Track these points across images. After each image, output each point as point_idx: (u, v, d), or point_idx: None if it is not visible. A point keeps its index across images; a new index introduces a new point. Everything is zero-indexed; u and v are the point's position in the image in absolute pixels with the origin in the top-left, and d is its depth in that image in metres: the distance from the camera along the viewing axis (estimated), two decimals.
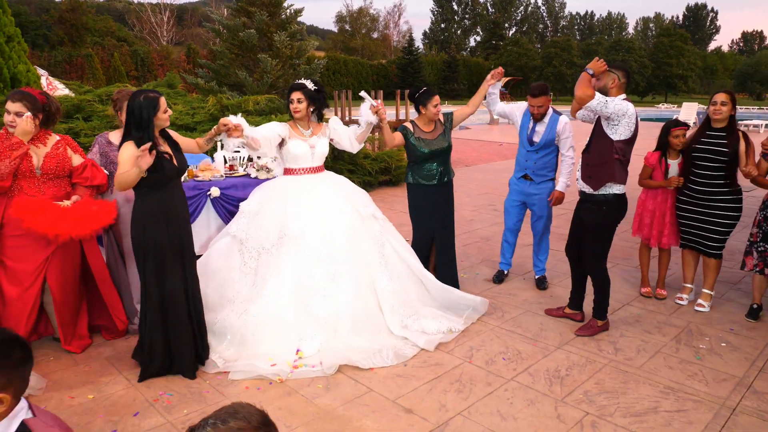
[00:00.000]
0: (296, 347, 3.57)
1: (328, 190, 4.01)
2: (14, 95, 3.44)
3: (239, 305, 3.73)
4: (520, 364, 3.59)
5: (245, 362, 3.45)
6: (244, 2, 12.29)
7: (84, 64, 34.28)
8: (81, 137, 7.26)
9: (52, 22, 45.56)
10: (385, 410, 3.07)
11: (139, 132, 3.19)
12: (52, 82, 14.26)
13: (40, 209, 3.41)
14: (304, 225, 3.80)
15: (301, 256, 3.74)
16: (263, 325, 3.61)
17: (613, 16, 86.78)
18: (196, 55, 37.36)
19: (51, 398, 3.18)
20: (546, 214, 4.79)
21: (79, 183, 3.74)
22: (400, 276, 4.06)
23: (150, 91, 3.28)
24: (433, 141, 4.45)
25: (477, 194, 9.33)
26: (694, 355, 3.69)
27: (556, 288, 4.94)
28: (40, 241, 3.50)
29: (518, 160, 4.83)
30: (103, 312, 3.97)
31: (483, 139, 17.34)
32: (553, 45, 58.50)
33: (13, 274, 3.51)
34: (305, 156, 3.98)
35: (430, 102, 4.39)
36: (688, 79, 55.50)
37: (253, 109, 8.85)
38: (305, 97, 3.96)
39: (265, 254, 3.80)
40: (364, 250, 3.92)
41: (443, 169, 4.53)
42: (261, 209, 3.92)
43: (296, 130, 4.02)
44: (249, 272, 3.81)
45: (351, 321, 3.69)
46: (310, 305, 3.68)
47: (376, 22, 74.19)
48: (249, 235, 3.85)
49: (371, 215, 4.08)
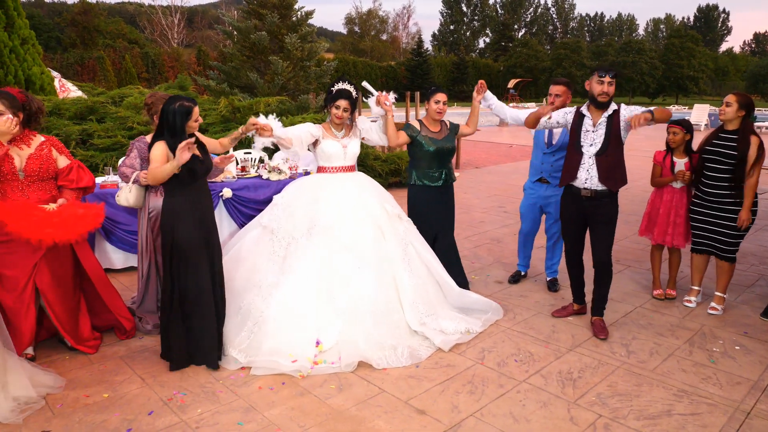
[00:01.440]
0: (315, 337, 3.62)
1: (358, 187, 4.12)
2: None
3: (265, 289, 3.81)
4: (532, 366, 3.58)
5: (267, 359, 3.50)
6: (255, 4, 12.36)
7: (96, 66, 34.55)
8: (95, 138, 7.34)
9: (65, 24, 45.96)
10: (398, 411, 3.08)
11: (172, 137, 3.32)
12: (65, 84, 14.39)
13: (23, 213, 3.31)
14: (333, 217, 3.91)
15: (329, 246, 3.85)
16: (285, 312, 3.68)
17: (623, 17, 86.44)
18: (207, 57, 37.57)
19: (67, 397, 3.21)
20: None
21: (65, 185, 3.65)
22: (421, 275, 4.11)
23: (186, 99, 3.39)
24: (440, 140, 4.47)
25: (486, 196, 9.32)
26: (707, 358, 3.67)
27: (568, 291, 4.92)
28: (27, 246, 3.40)
29: (533, 164, 4.83)
30: (107, 313, 3.96)
31: (492, 141, 17.31)
32: (563, 46, 58.24)
33: (4, 281, 3.44)
34: (338, 155, 4.10)
35: (432, 97, 4.46)
36: (699, 81, 55.10)
37: (264, 111, 8.89)
38: (350, 105, 4.07)
39: (294, 243, 3.91)
40: (389, 248, 3.99)
41: (446, 171, 4.55)
42: (293, 202, 4.06)
43: (329, 131, 4.15)
44: (277, 260, 3.91)
45: (371, 313, 3.74)
46: (333, 295, 3.75)
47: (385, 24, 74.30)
48: (280, 226, 3.98)
49: (397, 215, 4.18)
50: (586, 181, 3.93)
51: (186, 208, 3.40)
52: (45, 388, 3.21)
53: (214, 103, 9.18)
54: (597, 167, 3.89)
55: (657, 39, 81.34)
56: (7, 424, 2.92)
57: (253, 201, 5.48)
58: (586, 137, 3.92)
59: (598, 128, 3.89)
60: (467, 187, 10.08)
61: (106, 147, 7.30)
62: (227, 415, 3.03)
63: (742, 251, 5.16)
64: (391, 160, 9.54)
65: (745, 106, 4.14)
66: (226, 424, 2.96)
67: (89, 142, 7.39)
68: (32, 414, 3.03)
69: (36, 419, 2.99)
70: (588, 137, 3.92)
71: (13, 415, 2.96)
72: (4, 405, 2.96)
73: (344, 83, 4.11)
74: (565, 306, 4.45)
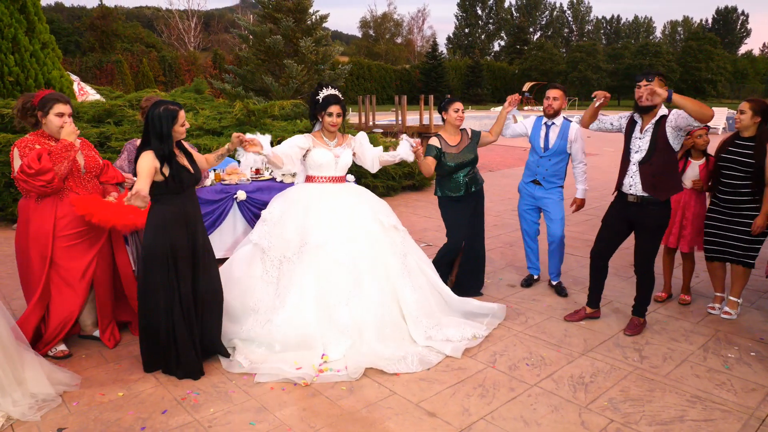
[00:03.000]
0: (322, 352, 3.60)
1: (350, 199, 4.00)
2: (63, 97, 3.62)
3: (262, 315, 3.75)
4: (543, 370, 3.57)
5: (271, 365, 3.49)
6: (270, 9, 12.47)
7: (113, 70, 35.02)
8: (112, 141, 7.45)
9: (84, 29, 46.64)
10: (409, 413, 3.09)
11: (159, 143, 3.27)
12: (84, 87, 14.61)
13: (101, 205, 3.61)
14: (325, 234, 3.79)
15: (322, 264, 3.74)
16: (288, 336, 3.63)
17: (640, 20, 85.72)
18: (222, 61, 37.89)
19: (83, 395, 3.27)
20: (560, 216, 4.80)
21: (107, 181, 3.92)
22: (422, 287, 4.05)
23: (171, 102, 3.35)
24: (458, 154, 4.52)
25: (500, 200, 9.30)
26: (722, 364, 3.64)
27: (580, 295, 4.90)
28: (89, 239, 3.71)
29: (529, 166, 4.91)
30: (126, 308, 4.09)
31: (507, 145, 17.27)
32: (579, 49, 57.92)
33: (66, 273, 3.65)
34: (329, 165, 3.98)
35: (451, 107, 4.51)
36: (718, 84, 54.51)
37: (279, 113, 8.96)
38: (341, 109, 3.98)
39: (286, 263, 3.81)
40: (387, 260, 3.92)
41: (469, 179, 4.57)
42: (282, 217, 3.92)
43: (321, 139, 4.01)
44: (271, 281, 3.82)
45: (375, 327, 3.70)
46: (334, 314, 3.68)
47: (400, 27, 74.42)
48: (271, 244, 3.85)
49: (393, 226, 4.06)
50: (631, 187, 3.94)
51: (174, 217, 3.34)
52: (61, 385, 3.26)
53: (229, 107, 9.27)
54: (640, 175, 3.88)
55: (674, 41, 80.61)
56: (25, 421, 2.98)
57: (267, 203, 5.51)
58: (634, 144, 3.94)
59: (645, 134, 3.89)
60: None
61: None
62: (239, 415, 3.06)
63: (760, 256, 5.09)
64: (405, 163, 9.55)
65: (760, 112, 4.09)
66: (238, 423, 2.99)
67: (107, 144, 7.50)
68: (49, 411, 3.08)
69: (53, 416, 3.05)
70: (635, 144, 3.93)
71: (31, 412, 3.01)
72: (22, 402, 3.01)
73: (329, 89, 3.96)
74: (578, 310, 4.43)
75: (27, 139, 3.60)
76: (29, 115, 3.64)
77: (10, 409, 2.96)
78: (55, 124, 3.57)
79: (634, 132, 3.95)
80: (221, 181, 5.58)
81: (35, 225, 3.59)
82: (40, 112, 3.58)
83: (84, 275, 3.70)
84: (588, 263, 5.36)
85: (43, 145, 3.55)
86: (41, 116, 3.59)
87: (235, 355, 3.63)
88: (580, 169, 4.76)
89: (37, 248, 3.59)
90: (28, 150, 3.51)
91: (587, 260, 5.81)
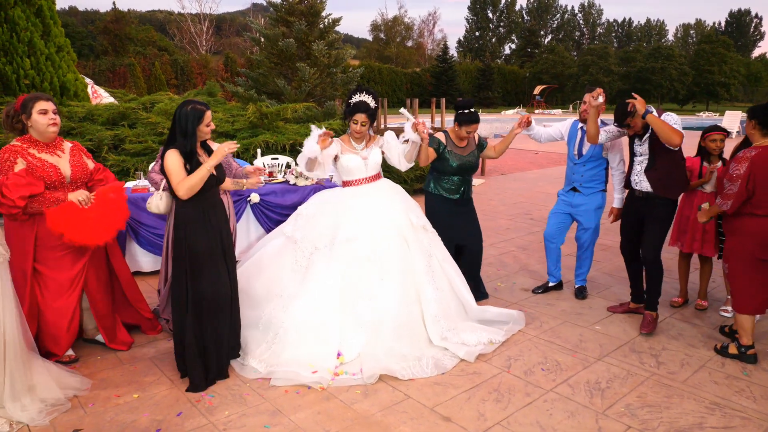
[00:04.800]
0: (337, 350, 3.60)
1: (384, 196, 4.06)
2: (44, 95, 3.49)
3: (286, 300, 3.80)
4: (559, 375, 3.54)
5: (286, 369, 3.49)
6: (283, 12, 12.51)
7: (126, 73, 35.26)
8: (126, 143, 7.49)
9: (97, 32, 47.05)
10: (423, 417, 3.07)
11: (183, 139, 3.31)
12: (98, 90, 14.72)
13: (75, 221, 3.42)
14: (356, 229, 3.86)
15: (351, 258, 3.80)
16: (307, 323, 3.66)
17: (652, 23, 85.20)
18: (234, 64, 38.06)
19: (98, 396, 3.28)
20: (593, 226, 4.70)
21: (96, 184, 3.76)
22: (443, 289, 4.05)
23: (198, 102, 3.39)
24: (464, 156, 4.47)
25: (512, 203, 9.26)
26: (741, 371, 3.59)
27: (595, 299, 4.86)
28: (77, 249, 3.59)
29: (567, 174, 4.81)
30: (132, 311, 4.07)
31: (519, 148, 17.19)
32: (590, 52, 57.56)
33: (53, 284, 3.56)
34: (359, 168, 4.02)
35: (466, 127, 4.37)
36: (731, 87, 53.90)
37: (292, 116, 8.98)
38: (368, 117, 3.98)
39: (317, 254, 3.88)
40: (413, 259, 3.94)
41: (465, 186, 4.54)
42: (316, 213, 4.04)
43: (348, 144, 4.07)
44: (299, 270, 3.89)
45: (393, 326, 3.70)
46: (356, 307, 3.72)
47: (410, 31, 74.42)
48: (304, 236, 3.95)
49: (422, 226, 4.10)
50: (637, 184, 4.13)
51: (197, 217, 3.36)
52: (71, 390, 3.26)
53: (242, 110, 9.31)
54: (649, 182, 4.04)
55: (687, 44, 80.00)
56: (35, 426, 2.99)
57: (280, 206, 5.53)
58: (636, 150, 4.14)
59: (644, 143, 4.06)
60: (493, 194, 10.03)
61: (137, 152, 7.45)
62: (254, 418, 3.06)
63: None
64: (417, 166, 9.54)
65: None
66: (252, 426, 2.99)
67: (121, 147, 7.55)
68: (65, 413, 3.10)
69: (69, 418, 3.06)
70: (637, 150, 4.13)
71: (41, 417, 3.00)
72: (31, 407, 3.01)
73: (363, 94, 3.97)
74: (623, 303, 4.55)
75: (11, 148, 3.41)
76: (15, 122, 3.49)
77: (18, 414, 2.96)
78: (41, 123, 3.43)
79: (635, 140, 4.14)
80: None
81: (14, 238, 3.47)
82: (24, 114, 3.45)
83: (73, 285, 3.60)
84: (606, 269, 5.32)
85: (25, 155, 3.40)
86: (26, 119, 3.45)
87: (248, 360, 3.63)
88: (617, 177, 4.57)
89: (17, 263, 3.44)
90: (8, 165, 3.35)
91: (599, 263, 5.78)
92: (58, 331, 3.58)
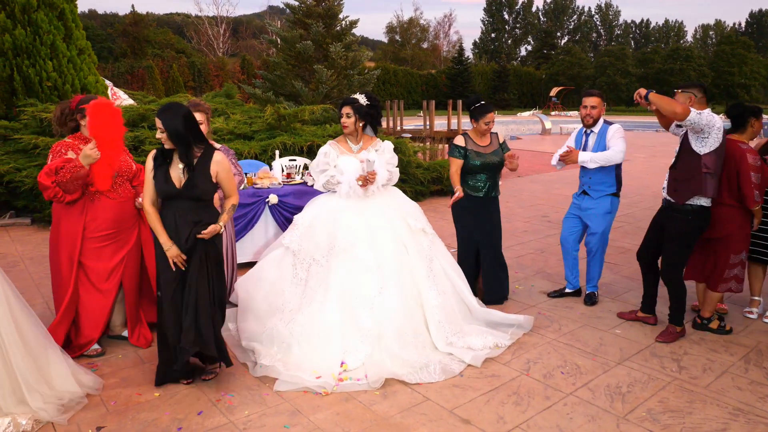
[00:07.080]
0: (341, 360, 3.58)
1: (379, 201, 4.02)
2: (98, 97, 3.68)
3: (287, 314, 3.80)
4: (579, 379, 3.52)
5: (291, 373, 3.47)
6: (300, 14, 12.59)
7: (145, 75, 35.68)
8: (146, 145, 7.58)
9: (116, 35, 47.71)
10: (442, 420, 3.07)
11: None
12: (117, 92, 14.90)
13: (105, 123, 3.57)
14: (353, 237, 3.83)
15: (349, 267, 3.78)
16: (309, 336, 3.65)
17: (670, 23, 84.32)
18: (250, 66, 38.35)
19: (120, 395, 3.32)
20: (600, 231, 4.65)
21: (139, 186, 3.90)
22: (446, 292, 4.03)
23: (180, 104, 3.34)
24: (487, 155, 4.48)
25: (529, 205, 9.21)
26: (764, 376, 3.54)
27: (614, 303, 4.82)
28: (118, 242, 3.78)
29: (579, 177, 4.80)
30: (153, 308, 4.09)
31: (535, 150, 17.12)
32: (607, 54, 57.07)
33: (94, 274, 3.73)
34: (356, 171, 4.00)
35: (482, 118, 4.45)
36: (751, 89, 53.13)
37: (309, 118, 9.02)
38: (354, 111, 4.04)
39: (315, 265, 3.87)
40: (413, 264, 3.92)
41: (491, 183, 4.53)
42: (313, 222, 4.01)
43: (345, 145, 4.11)
44: (299, 283, 3.89)
45: (396, 333, 3.67)
46: (357, 316, 3.68)
47: (426, 33, 74.36)
48: (301, 247, 3.94)
49: (421, 229, 4.06)
50: (664, 189, 4.09)
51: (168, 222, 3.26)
52: (85, 388, 3.27)
53: (260, 111, 9.37)
54: (668, 178, 3.99)
55: (706, 46, 79.09)
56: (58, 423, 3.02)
57: (298, 207, 5.55)
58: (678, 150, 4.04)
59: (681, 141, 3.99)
60: (509, 195, 9.99)
61: None
62: (274, 418, 3.08)
63: None
64: (433, 168, 9.53)
65: None
66: (272, 426, 3.00)
67: (141, 148, 7.64)
68: (88, 410, 3.13)
69: (92, 415, 3.10)
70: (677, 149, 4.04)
71: (58, 414, 3.00)
72: (50, 402, 2.99)
73: (359, 95, 4.10)
74: (633, 310, 4.47)
75: (63, 142, 3.70)
76: (68, 121, 3.75)
77: (39, 406, 2.93)
78: None
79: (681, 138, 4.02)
80: (253, 185, 5.64)
81: (65, 226, 3.70)
82: (79, 114, 3.70)
83: (111, 276, 3.78)
84: (621, 272, 5.27)
85: (76, 149, 3.64)
86: (80, 118, 3.71)
87: (258, 359, 3.65)
88: (609, 152, 4.43)
89: (66, 249, 3.69)
90: (59, 155, 3.62)
91: (618, 267, 5.72)
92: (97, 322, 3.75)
